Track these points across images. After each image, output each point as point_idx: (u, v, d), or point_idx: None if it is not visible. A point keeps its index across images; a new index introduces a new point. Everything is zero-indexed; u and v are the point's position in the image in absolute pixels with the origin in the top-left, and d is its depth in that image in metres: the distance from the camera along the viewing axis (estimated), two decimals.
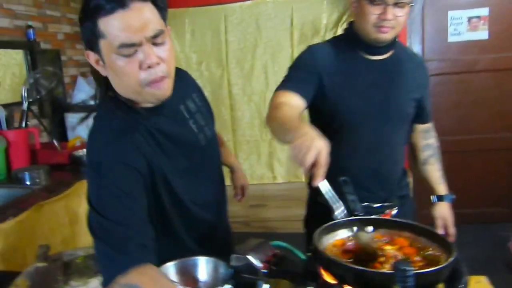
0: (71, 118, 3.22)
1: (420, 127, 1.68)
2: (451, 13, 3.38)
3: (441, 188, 1.68)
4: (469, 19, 3.39)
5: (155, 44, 0.99)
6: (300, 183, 3.72)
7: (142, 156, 1.05)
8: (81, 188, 2.28)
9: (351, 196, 1.15)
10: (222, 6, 3.46)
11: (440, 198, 1.66)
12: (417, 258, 0.93)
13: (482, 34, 3.38)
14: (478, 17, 3.37)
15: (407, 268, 0.62)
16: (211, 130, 1.29)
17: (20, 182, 2.31)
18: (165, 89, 1.04)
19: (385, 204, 1.53)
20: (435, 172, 1.69)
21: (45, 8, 3.17)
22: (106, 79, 1.07)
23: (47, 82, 2.79)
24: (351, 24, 1.51)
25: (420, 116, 1.63)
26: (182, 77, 1.24)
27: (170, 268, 1.15)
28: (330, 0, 3.34)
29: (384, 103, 1.49)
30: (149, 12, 0.97)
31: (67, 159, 2.68)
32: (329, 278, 0.90)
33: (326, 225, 1.06)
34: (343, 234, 1.06)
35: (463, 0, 3.37)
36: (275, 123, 1.30)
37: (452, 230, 1.62)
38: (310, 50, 1.52)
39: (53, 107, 3.18)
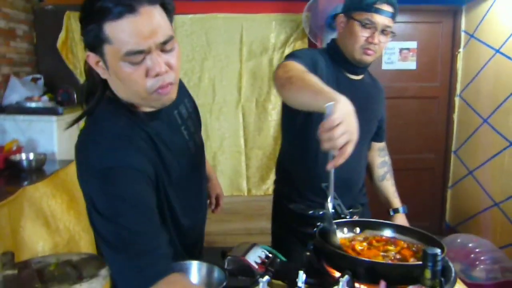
0: (2, 120, 2.96)
1: (377, 145, 1.82)
2: None
3: (397, 201, 1.82)
4: (400, 50, 3.73)
5: (163, 50, 0.93)
6: (241, 197, 3.77)
7: (148, 161, 1.00)
8: (23, 195, 2.11)
9: (337, 200, 1.22)
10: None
11: (397, 210, 1.79)
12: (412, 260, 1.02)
13: (411, 64, 3.74)
14: (408, 49, 3.73)
15: (437, 253, 0.70)
16: (200, 138, 1.28)
17: None
18: (171, 94, 1.00)
19: (351, 210, 1.63)
20: (390, 187, 1.84)
21: None
22: (105, 80, 1.01)
23: None
24: (333, 41, 1.60)
25: (378, 135, 1.76)
26: (187, 93, 1.27)
27: None
28: (278, 21, 3.48)
29: (360, 123, 1.57)
30: (159, 17, 0.91)
31: (2, 164, 2.47)
32: (337, 274, 0.95)
33: (320, 227, 1.11)
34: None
35: (396, 32, 3.69)
36: (295, 83, 1.21)
37: None
38: (310, 50, 1.60)
39: None
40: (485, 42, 3.33)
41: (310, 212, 1.58)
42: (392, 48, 3.72)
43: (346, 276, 0.82)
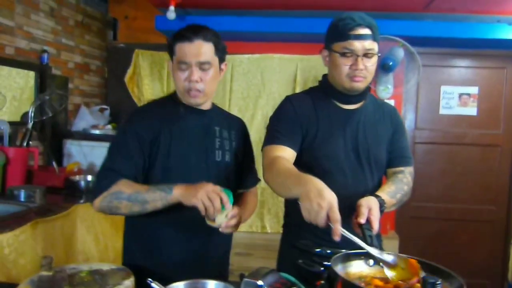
0: (70, 145, 3.24)
1: (393, 170, 1.65)
2: (443, 88, 3.62)
3: (382, 192, 1.52)
4: (460, 95, 3.62)
5: (202, 69, 1.45)
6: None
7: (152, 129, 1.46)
8: (77, 212, 2.27)
9: (369, 232, 1.21)
10: (231, 56, 3.63)
11: (373, 195, 1.49)
12: None
13: (471, 110, 3.61)
14: (469, 94, 3.61)
15: (436, 281, 0.67)
16: (230, 160, 1.55)
17: (14, 198, 2.29)
18: (198, 99, 1.49)
19: None
20: (385, 186, 1.58)
21: (61, 36, 3.29)
22: None
23: (54, 105, 2.83)
24: (324, 76, 1.61)
25: (395, 161, 1.64)
26: (233, 119, 1.69)
27: (180, 287, 1.16)
28: None
29: (358, 149, 1.55)
30: (206, 48, 1.44)
31: (62, 183, 2.67)
32: None
33: (339, 254, 1.09)
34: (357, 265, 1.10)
35: (455, 77, 3.61)
36: (275, 178, 1.37)
37: (376, 224, 1.38)
38: (289, 101, 1.59)
39: (52, 132, 3.21)
40: None
41: (318, 250, 1.50)
42: (451, 92, 3.62)
43: None
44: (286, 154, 1.47)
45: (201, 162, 1.51)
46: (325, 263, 1.58)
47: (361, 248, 1.20)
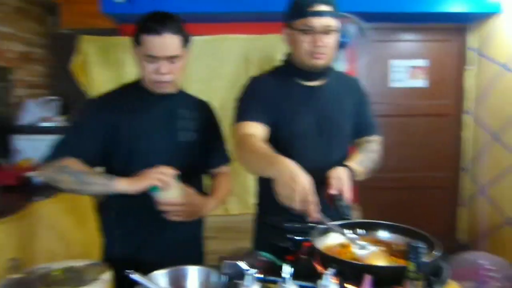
0: (17, 140, 3.06)
1: (361, 140, 1.72)
2: (393, 62, 3.73)
3: (352, 162, 1.58)
4: (410, 68, 3.75)
5: (171, 61, 1.46)
6: (249, 215, 3.75)
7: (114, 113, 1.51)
8: (35, 210, 2.16)
9: (341, 202, 1.24)
10: None
11: (343, 166, 1.53)
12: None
13: (422, 82, 3.75)
14: (418, 67, 3.75)
15: (420, 246, 0.71)
16: (194, 140, 1.61)
17: None
18: (166, 89, 1.53)
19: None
20: (354, 155, 1.64)
21: None
22: None
23: None
24: (287, 55, 1.63)
25: (360, 130, 1.71)
26: (198, 101, 1.73)
27: (161, 276, 1.15)
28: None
29: (321, 123, 1.59)
30: (174, 41, 1.44)
31: (15, 181, 2.53)
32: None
33: (321, 228, 1.12)
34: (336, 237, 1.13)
35: (405, 51, 3.74)
36: (247, 157, 1.38)
37: (347, 194, 1.43)
38: (255, 80, 1.62)
39: None
40: (494, 59, 3.34)
41: (287, 224, 1.49)
42: (401, 66, 3.74)
43: (330, 269, 0.83)
44: (258, 130, 1.48)
45: (164, 143, 1.54)
46: (296, 237, 1.63)
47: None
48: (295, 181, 1.13)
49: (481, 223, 3.53)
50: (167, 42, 1.42)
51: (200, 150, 1.61)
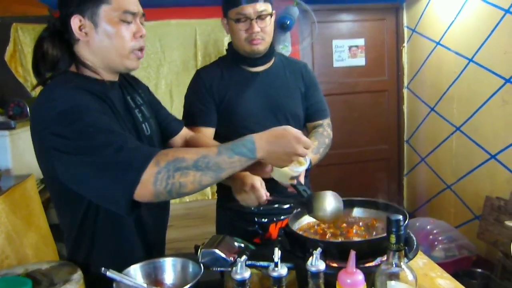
0: None
1: (312, 124, 1.75)
2: (335, 42, 3.84)
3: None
4: (350, 47, 3.88)
5: (141, 23, 1.16)
6: (205, 201, 3.77)
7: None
8: None
9: (301, 186, 1.28)
10: None
11: None
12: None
13: (360, 60, 3.90)
14: (357, 46, 3.89)
15: (400, 218, 0.76)
16: (156, 125, 1.35)
17: None
18: (139, 62, 1.17)
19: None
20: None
21: None
22: (69, 55, 1.12)
23: None
24: (230, 44, 1.68)
25: (312, 115, 1.74)
26: (133, 79, 1.37)
27: (136, 271, 1.14)
28: None
29: (272, 107, 1.64)
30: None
31: None
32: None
33: (294, 212, 1.16)
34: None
35: (345, 31, 3.85)
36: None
37: (302, 179, 1.40)
38: (199, 76, 1.65)
39: None
40: (426, 36, 3.54)
41: (251, 208, 1.52)
42: (342, 46, 3.86)
43: (319, 249, 0.87)
44: (206, 133, 1.59)
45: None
46: (263, 220, 1.68)
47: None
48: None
49: (423, 190, 3.79)
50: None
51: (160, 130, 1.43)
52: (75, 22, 1.09)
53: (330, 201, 1.11)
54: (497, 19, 2.69)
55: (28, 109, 2.97)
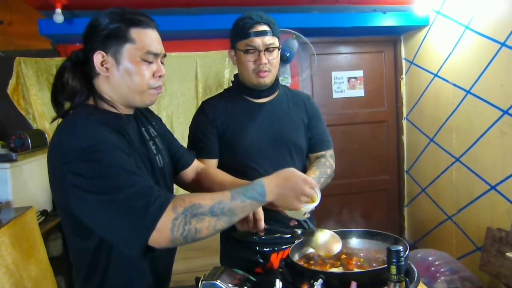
0: None
1: (315, 154, 1.77)
2: (334, 74, 3.91)
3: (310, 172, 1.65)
4: (349, 79, 3.95)
5: (162, 62, 1.19)
6: None
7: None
8: None
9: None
10: None
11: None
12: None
13: (359, 92, 3.96)
14: (355, 77, 3.95)
15: (400, 249, 0.76)
16: (168, 156, 1.36)
17: None
18: (157, 96, 1.21)
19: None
20: (309, 171, 1.67)
21: None
22: (87, 88, 1.14)
23: None
24: (236, 75, 1.73)
25: (315, 145, 1.76)
26: (146, 111, 1.37)
27: None
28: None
29: (276, 139, 1.66)
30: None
31: None
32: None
33: (296, 243, 1.16)
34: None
35: (344, 63, 3.93)
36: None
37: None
38: (203, 109, 1.69)
39: None
40: (424, 68, 3.61)
41: (254, 238, 1.48)
42: (341, 77, 3.93)
43: (320, 280, 0.87)
44: (210, 165, 1.61)
45: (149, 175, 1.21)
46: (265, 249, 1.67)
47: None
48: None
49: (424, 221, 3.77)
50: (158, 37, 1.24)
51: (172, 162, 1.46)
52: (97, 57, 1.11)
53: (330, 242, 1.12)
54: (493, 52, 2.75)
55: (29, 141, 2.99)
